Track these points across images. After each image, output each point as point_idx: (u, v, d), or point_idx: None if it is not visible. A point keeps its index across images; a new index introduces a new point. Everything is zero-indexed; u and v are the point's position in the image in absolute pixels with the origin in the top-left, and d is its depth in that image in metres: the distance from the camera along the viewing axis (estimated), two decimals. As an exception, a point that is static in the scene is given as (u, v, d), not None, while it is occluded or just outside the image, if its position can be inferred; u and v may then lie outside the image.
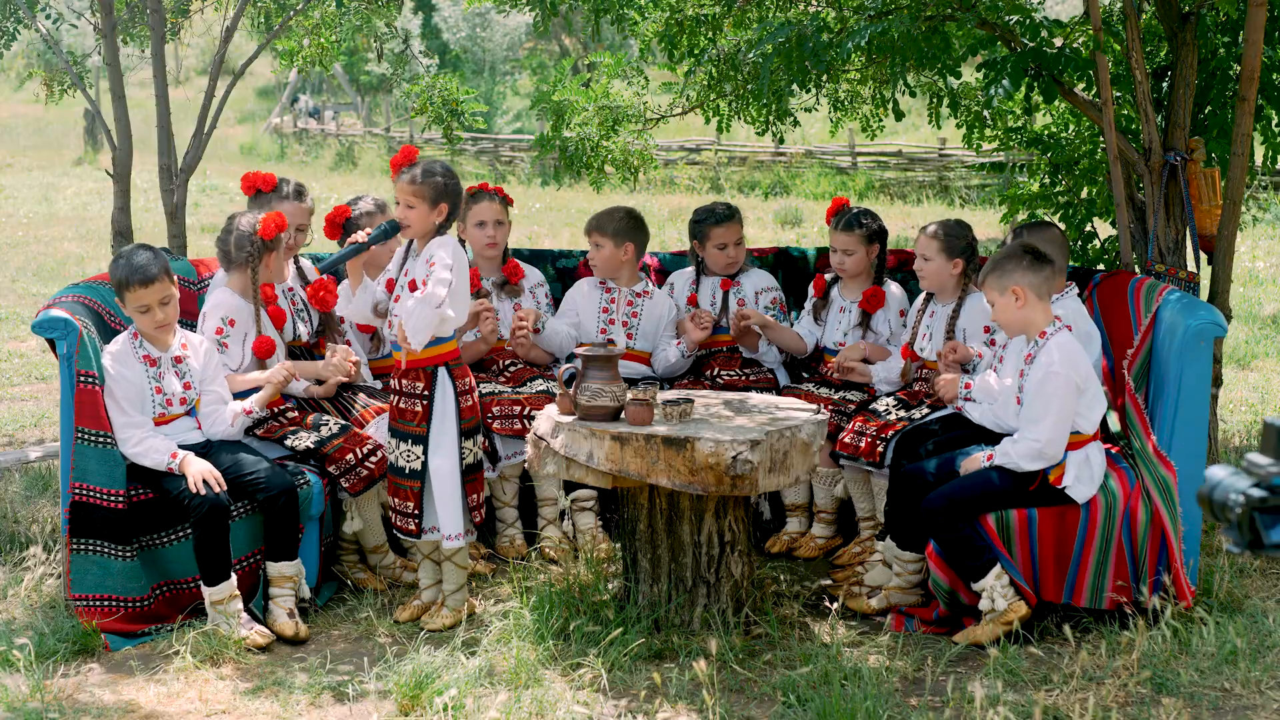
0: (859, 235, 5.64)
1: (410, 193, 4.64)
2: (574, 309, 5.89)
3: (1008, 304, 4.61)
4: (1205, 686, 4.14)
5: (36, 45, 23.41)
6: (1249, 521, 1.93)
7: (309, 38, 7.57)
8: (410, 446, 4.69)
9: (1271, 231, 15.01)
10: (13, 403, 8.17)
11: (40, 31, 7.02)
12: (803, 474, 4.60)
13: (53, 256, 14.20)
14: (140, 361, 4.78)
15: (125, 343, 4.79)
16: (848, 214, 5.68)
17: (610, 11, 6.58)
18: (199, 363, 4.89)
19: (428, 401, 4.67)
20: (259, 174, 5.37)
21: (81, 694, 4.22)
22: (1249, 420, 7.41)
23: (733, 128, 6.95)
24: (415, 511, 4.73)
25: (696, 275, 6.02)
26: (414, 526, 4.74)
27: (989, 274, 4.65)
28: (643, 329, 5.88)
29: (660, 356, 5.88)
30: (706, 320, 5.78)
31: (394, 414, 4.75)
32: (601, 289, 5.91)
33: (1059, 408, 4.51)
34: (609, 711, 4.08)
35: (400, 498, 4.76)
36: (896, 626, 4.76)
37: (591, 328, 5.84)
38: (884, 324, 5.68)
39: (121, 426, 4.70)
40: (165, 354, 4.82)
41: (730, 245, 5.90)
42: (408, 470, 4.71)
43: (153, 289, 4.71)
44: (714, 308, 5.94)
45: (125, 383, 4.72)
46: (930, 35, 5.22)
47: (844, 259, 5.68)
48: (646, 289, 5.94)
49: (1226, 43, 5.83)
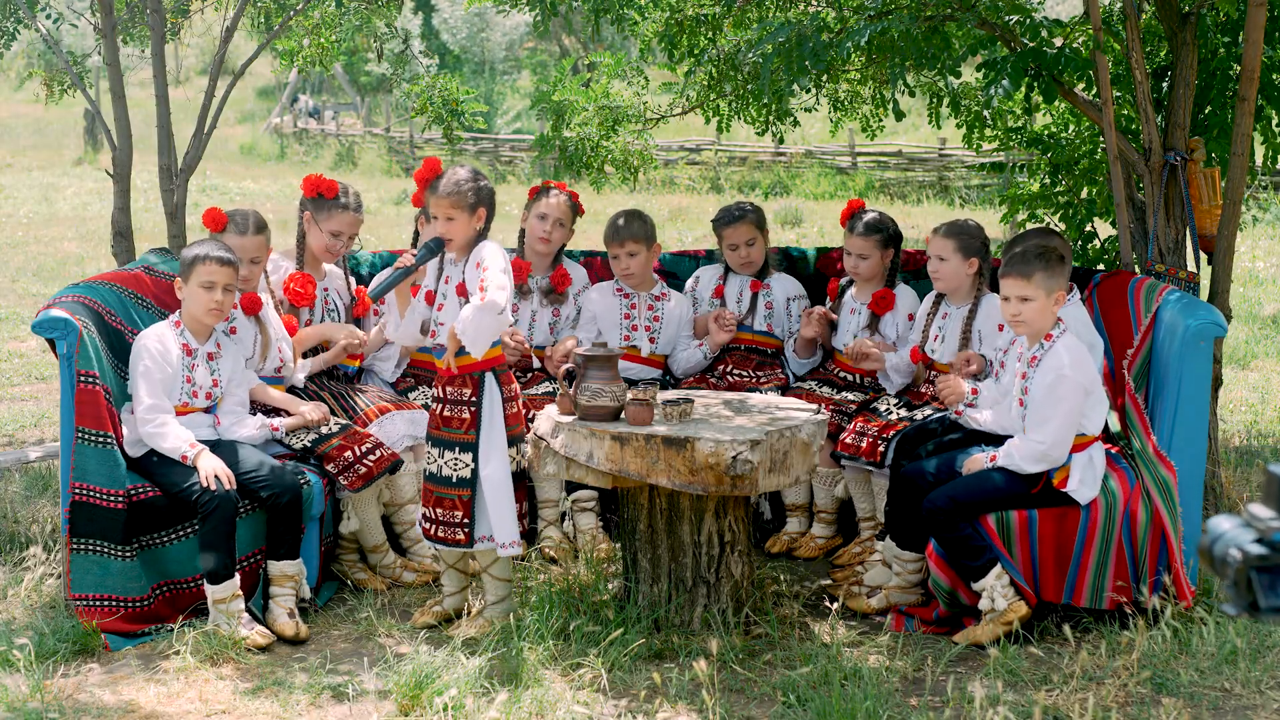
0: (877, 240, 5.63)
1: (449, 204, 4.57)
2: (593, 321, 5.86)
3: (1048, 306, 4.53)
4: (1205, 686, 4.14)
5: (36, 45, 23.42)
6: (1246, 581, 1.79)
7: (309, 38, 7.57)
8: (458, 454, 4.62)
9: (1271, 231, 15.01)
10: (13, 403, 8.17)
11: (40, 31, 7.01)
12: (803, 474, 4.60)
13: (53, 256, 14.20)
14: (179, 349, 4.83)
15: (168, 328, 4.86)
16: (866, 217, 5.66)
17: (610, 11, 6.57)
18: (229, 364, 4.95)
19: (475, 408, 4.61)
20: (322, 179, 5.49)
21: (81, 694, 4.22)
22: (1249, 420, 7.41)
23: (733, 128, 6.94)
24: (465, 520, 4.63)
25: (725, 272, 6.02)
26: (464, 536, 4.64)
27: (1038, 272, 4.50)
28: (665, 334, 5.87)
29: (682, 357, 5.87)
30: (731, 322, 5.76)
31: (437, 421, 4.67)
32: (620, 296, 5.88)
33: (1067, 411, 4.49)
34: (609, 711, 4.08)
35: (446, 507, 4.66)
36: (896, 626, 4.76)
37: (615, 338, 5.80)
38: (892, 327, 5.66)
39: (147, 408, 4.72)
40: (201, 347, 4.88)
41: (741, 245, 5.89)
42: (455, 479, 4.62)
43: (227, 270, 4.82)
44: (740, 306, 5.93)
45: (164, 365, 4.76)
46: (930, 35, 5.22)
47: (859, 263, 5.64)
48: (664, 291, 5.93)
49: (1226, 43, 5.83)
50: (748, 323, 5.91)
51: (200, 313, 4.84)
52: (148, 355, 4.75)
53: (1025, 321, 4.57)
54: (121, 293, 5.17)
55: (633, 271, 5.82)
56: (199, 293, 4.81)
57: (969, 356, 5.10)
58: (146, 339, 4.80)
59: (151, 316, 5.12)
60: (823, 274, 6.10)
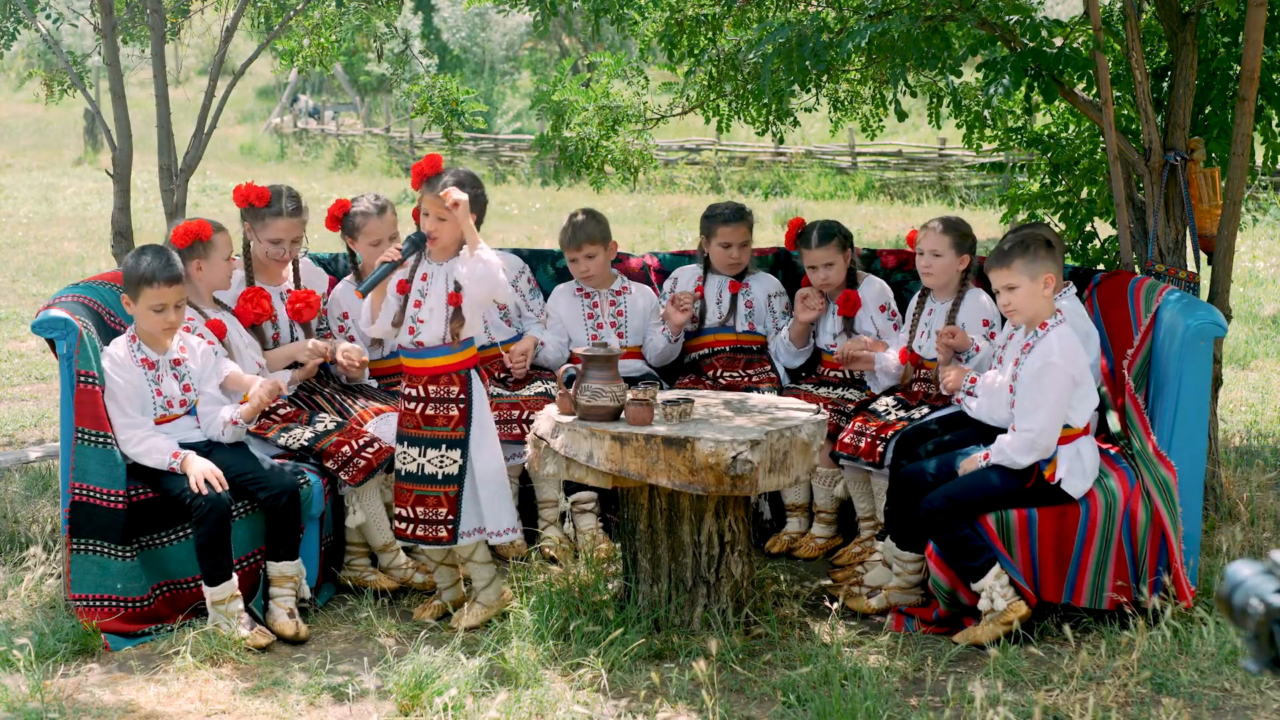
0: (836, 244, 5.64)
1: (444, 205, 4.57)
2: (559, 322, 5.88)
3: (1035, 290, 4.56)
4: (1205, 686, 4.14)
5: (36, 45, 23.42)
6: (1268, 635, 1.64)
7: (309, 38, 7.57)
8: (444, 451, 4.63)
9: (1271, 231, 15.00)
10: (13, 403, 8.17)
11: (40, 31, 7.01)
12: (803, 474, 4.60)
13: (53, 256, 14.20)
14: (139, 365, 4.78)
15: (124, 345, 4.80)
16: (815, 228, 5.66)
17: (610, 11, 6.57)
18: (197, 365, 4.89)
19: (465, 405, 4.64)
20: (252, 187, 5.32)
21: (81, 694, 4.22)
22: (1249, 420, 7.41)
23: (733, 128, 6.94)
24: (450, 517, 4.64)
25: (704, 272, 6.02)
26: (447, 533, 4.65)
27: (1016, 259, 4.56)
28: (631, 326, 5.88)
29: (650, 345, 5.88)
30: (686, 302, 5.76)
31: (416, 421, 4.67)
32: (581, 296, 5.90)
33: (1054, 399, 4.51)
34: (609, 711, 4.08)
35: (428, 505, 4.65)
36: (896, 626, 4.76)
37: (582, 337, 5.82)
38: (867, 322, 5.68)
39: (122, 427, 4.71)
40: (163, 356, 4.83)
41: (735, 246, 5.89)
42: (440, 476, 4.63)
43: (175, 289, 4.74)
44: (720, 308, 5.94)
45: (125, 385, 4.72)
46: (930, 35, 5.22)
47: (827, 272, 5.65)
48: (624, 285, 5.94)
49: (1226, 43, 5.82)
50: (730, 324, 5.91)
51: (155, 331, 4.79)
52: (107, 377, 4.70)
53: (1017, 309, 4.62)
54: (121, 293, 5.16)
55: (592, 273, 5.83)
56: (149, 315, 4.75)
57: (951, 330, 5.12)
58: (106, 360, 4.74)
59: (151, 316, 5.10)
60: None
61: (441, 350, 4.65)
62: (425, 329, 4.65)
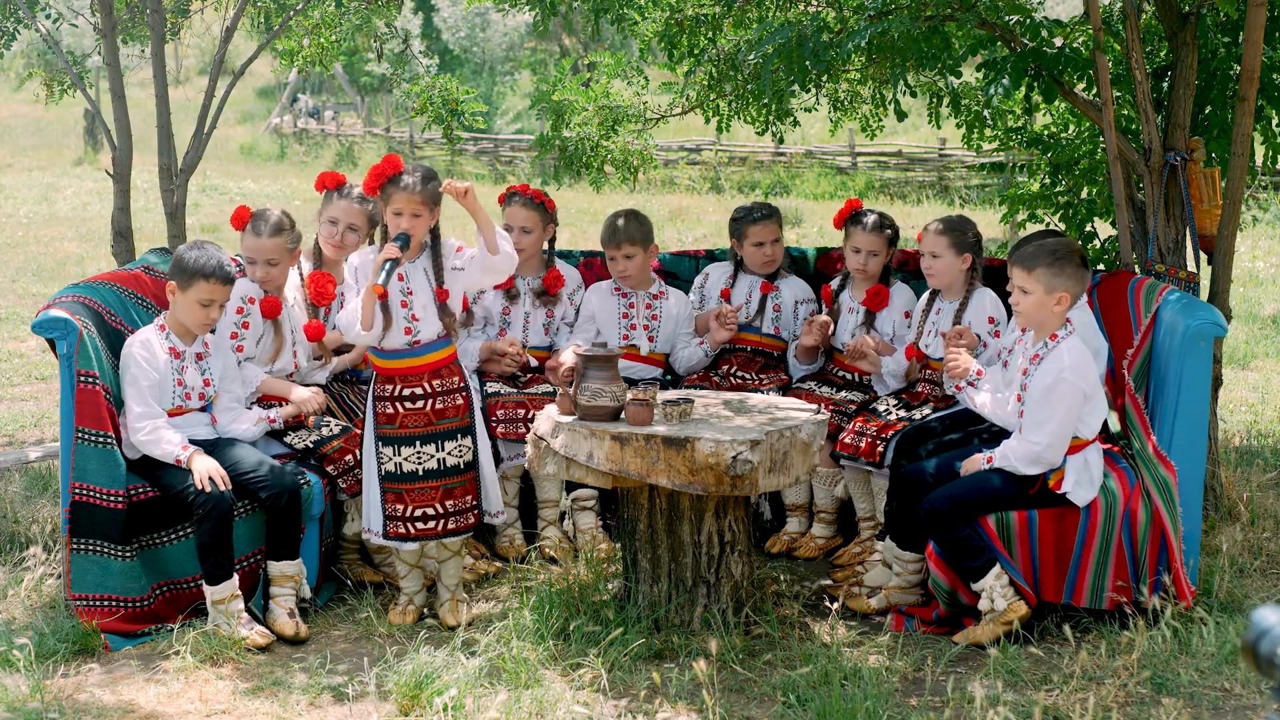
0: (887, 237, 5.65)
1: (418, 201, 4.63)
2: (591, 321, 5.86)
3: (1047, 303, 4.53)
4: (1205, 686, 4.14)
5: (36, 45, 23.43)
6: None
7: (309, 38, 7.57)
8: (460, 441, 4.79)
9: (1271, 231, 15.01)
10: (13, 403, 8.17)
11: (40, 31, 7.02)
12: (803, 474, 4.60)
13: (53, 256, 14.20)
14: (166, 353, 4.82)
15: (153, 333, 4.84)
16: (872, 215, 5.68)
17: (610, 11, 6.57)
18: (220, 361, 4.95)
19: (466, 392, 4.81)
20: (332, 174, 5.47)
21: (81, 694, 4.22)
22: (1249, 420, 7.41)
23: (733, 128, 6.94)
24: (474, 502, 4.85)
25: (735, 271, 6.02)
26: (475, 517, 4.86)
27: (1041, 266, 4.50)
28: (663, 333, 5.88)
29: (682, 355, 5.88)
30: (733, 320, 5.76)
31: (428, 418, 4.74)
32: (618, 296, 5.89)
33: (1064, 414, 4.49)
34: (609, 711, 4.08)
35: (457, 496, 4.79)
36: (896, 626, 4.76)
37: (614, 337, 5.81)
38: (888, 323, 5.67)
39: (137, 416, 4.72)
40: (189, 348, 4.88)
41: (768, 243, 5.90)
42: (462, 465, 4.80)
43: (226, 289, 4.82)
44: (749, 307, 5.94)
45: (151, 371, 4.76)
46: (930, 35, 5.22)
47: (869, 259, 5.65)
48: (662, 290, 5.94)
49: (1226, 43, 5.82)
50: (755, 324, 5.91)
51: (192, 324, 4.84)
52: (134, 363, 4.75)
53: (1024, 314, 4.61)
54: (121, 293, 5.17)
55: (630, 273, 5.83)
56: (195, 307, 4.79)
57: (960, 330, 5.11)
58: (133, 345, 4.79)
59: (151, 316, 5.12)
60: (823, 274, 6.10)
61: (439, 344, 4.75)
62: (422, 327, 4.71)
